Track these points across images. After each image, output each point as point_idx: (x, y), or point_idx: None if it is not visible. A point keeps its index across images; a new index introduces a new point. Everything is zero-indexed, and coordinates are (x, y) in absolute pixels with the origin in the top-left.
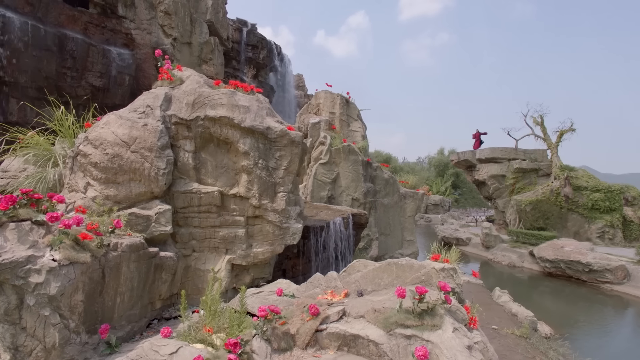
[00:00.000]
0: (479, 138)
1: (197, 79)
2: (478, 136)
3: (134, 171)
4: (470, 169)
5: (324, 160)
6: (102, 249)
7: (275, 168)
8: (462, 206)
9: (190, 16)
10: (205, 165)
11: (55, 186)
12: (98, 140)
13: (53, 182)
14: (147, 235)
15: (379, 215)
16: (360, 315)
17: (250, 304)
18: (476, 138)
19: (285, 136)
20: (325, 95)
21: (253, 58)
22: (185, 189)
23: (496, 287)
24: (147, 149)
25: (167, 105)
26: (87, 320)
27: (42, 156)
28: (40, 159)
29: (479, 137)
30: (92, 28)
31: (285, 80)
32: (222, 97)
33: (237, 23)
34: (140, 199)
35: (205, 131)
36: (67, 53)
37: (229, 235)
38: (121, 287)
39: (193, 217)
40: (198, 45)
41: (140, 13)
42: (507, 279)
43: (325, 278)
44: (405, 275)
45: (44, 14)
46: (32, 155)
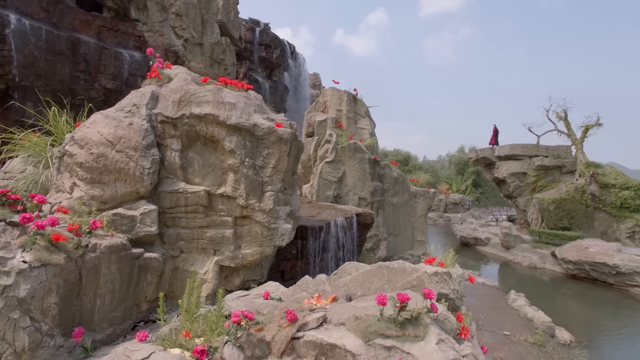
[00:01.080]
0: (496, 134)
1: (185, 77)
2: (495, 131)
3: (119, 171)
4: (489, 167)
5: (329, 159)
6: (79, 250)
7: (263, 166)
8: (484, 205)
9: (201, 17)
10: (192, 165)
11: (49, 187)
12: (83, 140)
13: (46, 183)
14: (132, 236)
15: (387, 215)
16: (341, 322)
17: (234, 307)
18: (495, 133)
19: (273, 133)
20: (332, 93)
21: (266, 57)
22: (171, 189)
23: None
24: (132, 148)
25: (154, 103)
26: (62, 322)
27: (38, 157)
28: (36, 160)
29: (496, 133)
30: (105, 32)
31: (300, 79)
32: (208, 94)
33: (249, 23)
34: (126, 199)
35: (191, 129)
36: (80, 57)
37: (216, 236)
38: (101, 288)
39: (180, 218)
40: (209, 45)
41: (153, 15)
42: (527, 281)
43: (314, 281)
44: (397, 280)
45: (58, 20)
46: (28, 156)
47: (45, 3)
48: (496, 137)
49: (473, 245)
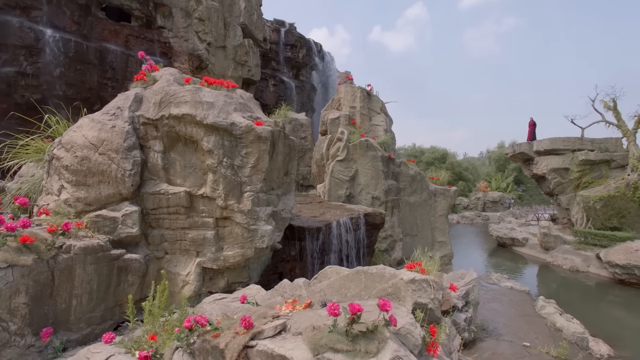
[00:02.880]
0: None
1: (168, 78)
2: (533, 125)
3: (102, 173)
4: (527, 163)
5: (340, 157)
6: (51, 252)
7: (241, 166)
8: (527, 203)
9: (223, 20)
10: (174, 166)
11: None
12: (69, 144)
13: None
14: (115, 237)
15: (403, 215)
16: (299, 332)
17: (209, 311)
18: (531, 127)
19: (251, 132)
20: (346, 90)
21: (292, 57)
22: (153, 190)
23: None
24: (113, 150)
25: (138, 105)
26: (33, 322)
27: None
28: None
29: (534, 126)
30: (132, 40)
31: (329, 78)
32: (187, 94)
33: (274, 24)
34: (110, 200)
35: (172, 130)
36: (108, 65)
37: (198, 237)
38: (77, 289)
39: (164, 219)
40: (232, 48)
41: (177, 22)
42: (568, 286)
43: (291, 285)
44: (374, 286)
45: (88, 31)
46: (38, 161)
47: (76, 17)
48: (534, 131)
49: (510, 246)
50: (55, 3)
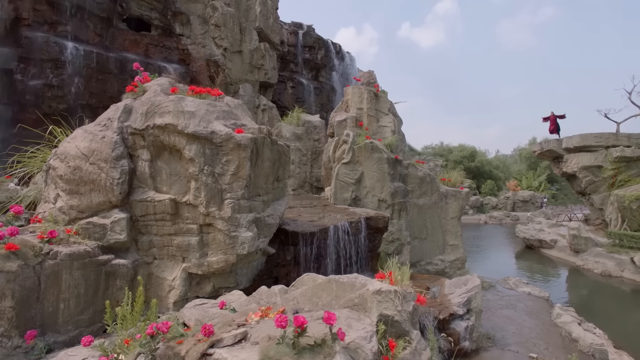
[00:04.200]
0: (555, 122)
1: (155, 88)
2: (553, 120)
3: (92, 182)
4: (557, 161)
5: (345, 160)
6: (38, 258)
7: (222, 174)
8: (562, 202)
9: (239, 25)
10: (160, 174)
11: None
12: (63, 154)
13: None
14: (104, 243)
15: (411, 218)
16: (257, 341)
17: (188, 316)
18: (551, 122)
19: (231, 140)
20: (353, 91)
21: (310, 59)
22: (141, 198)
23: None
24: (102, 160)
25: (127, 116)
26: (20, 324)
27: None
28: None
29: (555, 120)
30: (152, 49)
31: (350, 78)
32: (170, 104)
33: (292, 26)
34: (100, 208)
35: (157, 139)
36: (127, 73)
37: (183, 243)
38: (64, 293)
39: (152, 225)
40: (248, 52)
41: (195, 29)
42: (599, 292)
43: (268, 292)
44: (345, 295)
45: (110, 42)
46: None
47: (99, 29)
48: (557, 126)
49: (537, 248)
50: (79, 17)
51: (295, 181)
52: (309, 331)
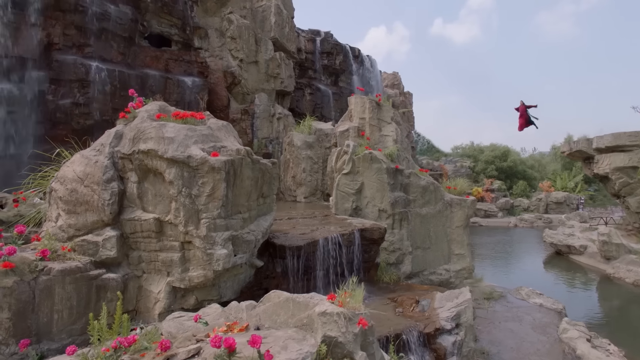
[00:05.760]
0: (525, 113)
1: (142, 115)
2: (523, 111)
3: (87, 202)
4: (587, 161)
5: (346, 170)
6: (33, 274)
7: (198, 195)
8: (601, 204)
9: (254, 37)
10: (146, 194)
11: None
12: (62, 178)
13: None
14: (97, 259)
15: (414, 227)
16: (205, 357)
17: (166, 328)
18: (520, 114)
19: (206, 163)
20: (356, 101)
21: (329, 65)
22: (130, 217)
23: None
24: (95, 183)
25: (118, 142)
26: (17, 334)
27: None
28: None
29: (525, 112)
30: (172, 63)
31: (371, 82)
32: (152, 130)
33: (309, 34)
34: (95, 226)
35: (142, 163)
36: (148, 89)
37: (166, 259)
38: (57, 305)
39: (140, 242)
40: (264, 62)
41: (213, 42)
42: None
43: (236, 308)
44: (299, 314)
45: (132, 60)
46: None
47: (122, 48)
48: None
49: (566, 253)
50: (103, 39)
51: (306, 189)
52: (240, 352)
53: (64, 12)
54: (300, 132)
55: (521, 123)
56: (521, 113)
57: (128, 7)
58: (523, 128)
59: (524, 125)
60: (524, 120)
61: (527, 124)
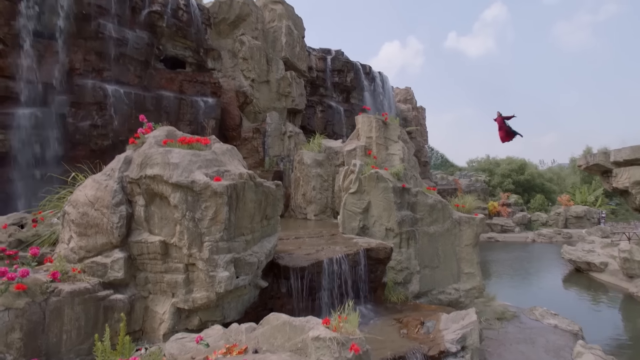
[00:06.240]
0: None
1: (150, 141)
2: (501, 122)
3: (97, 225)
4: (606, 175)
5: (353, 190)
6: (44, 295)
7: (201, 219)
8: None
9: (266, 57)
10: (153, 217)
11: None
12: (75, 202)
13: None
14: (106, 280)
15: (421, 246)
16: None
17: (168, 350)
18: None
19: (208, 188)
20: (363, 120)
21: (340, 82)
22: (137, 239)
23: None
24: (105, 206)
25: (127, 167)
26: (28, 353)
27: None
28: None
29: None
30: (186, 84)
31: (383, 98)
32: (158, 156)
33: (320, 52)
34: (104, 248)
35: (149, 188)
36: (163, 110)
37: (171, 280)
38: (66, 326)
39: (147, 263)
40: (275, 81)
41: (226, 63)
42: None
43: (236, 330)
44: (295, 338)
45: (148, 82)
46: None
47: (138, 71)
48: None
49: (586, 271)
50: (121, 63)
51: (316, 207)
52: None
53: (85, 39)
54: (310, 150)
55: (501, 135)
56: (499, 125)
57: (145, 32)
58: (505, 140)
59: (506, 138)
60: (504, 132)
61: (508, 135)
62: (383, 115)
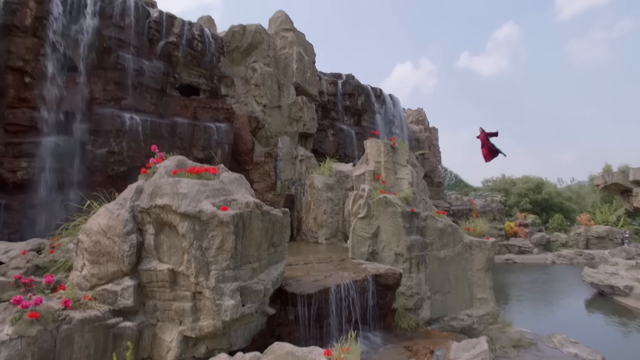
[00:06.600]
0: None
1: (161, 171)
2: (484, 139)
3: (109, 253)
4: (626, 194)
5: (361, 215)
6: (55, 323)
7: (208, 248)
8: None
9: (277, 83)
10: (162, 246)
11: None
12: (88, 230)
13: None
14: (116, 308)
15: (431, 271)
16: None
17: None
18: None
19: (215, 217)
20: (371, 144)
21: (351, 106)
22: (146, 267)
23: None
24: (116, 235)
25: (138, 196)
26: None
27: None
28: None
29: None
30: (200, 111)
31: (395, 120)
32: (167, 186)
33: (331, 77)
34: (115, 276)
35: (158, 217)
36: (177, 136)
37: (179, 308)
38: (76, 353)
39: (156, 291)
40: (287, 106)
41: (238, 89)
42: None
43: (241, 359)
44: None
45: (164, 109)
46: None
47: (154, 99)
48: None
49: (609, 295)
50: (138, 92)
51: (327, 230)
52: None
53: (105, 70)
54: (321, 174)
55: (484, 153)
56: (482, 142)
57: (161, 62)
58: (488, 159)
59: (489, 156)
60: (487, 150)
61: (491, 153)
62: (391, 139)
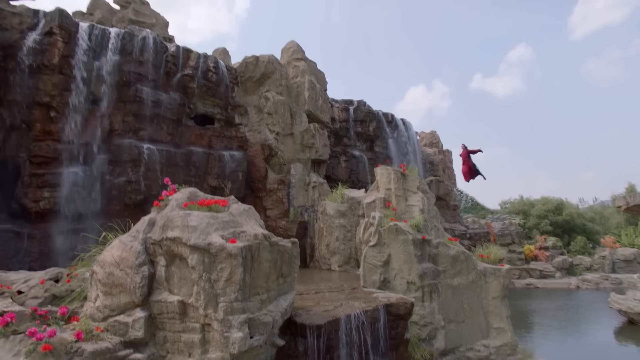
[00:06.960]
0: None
1: (172, 204)
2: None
3: (121, 285)
4: None
5: (372, 243)
6: (67, 355)
7: (217, 280)
8: None
9: (289, 111)
10: (173, 277)
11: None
12: (102, 262)
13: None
14: (127, 339)
15: (445, 300)
16: None
17: None
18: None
19: (224, 250)
20: (381, 172)
21: (363, 132)
22: (157, 299)
23: None
24: (129, 266)
25: (150, 228)
26: None
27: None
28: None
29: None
30: (214, 139)
31: (407, 145)
32: (178, 219)
33: (343, 104)
34: (127, 307)
35: (169, 249)
36: (192, 164)
37: (188, 340)
38: None
39: (166, 322)
40: (299, 134)
41: (252, 118)
42: None
43: None
44: None
45: (179, 139)
46: None
47: (171, 129)
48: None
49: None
50: (155, 122)
51: (340, 257)
52: None
53: (124, 102)
54: (333, 200)
55: (464, 171)
56: (463, 159)
57: (177, 93)
58: (468, 178)
59: (468, 175)
60: (467, 168)
61: (470, 172)
62: (401, 166)
